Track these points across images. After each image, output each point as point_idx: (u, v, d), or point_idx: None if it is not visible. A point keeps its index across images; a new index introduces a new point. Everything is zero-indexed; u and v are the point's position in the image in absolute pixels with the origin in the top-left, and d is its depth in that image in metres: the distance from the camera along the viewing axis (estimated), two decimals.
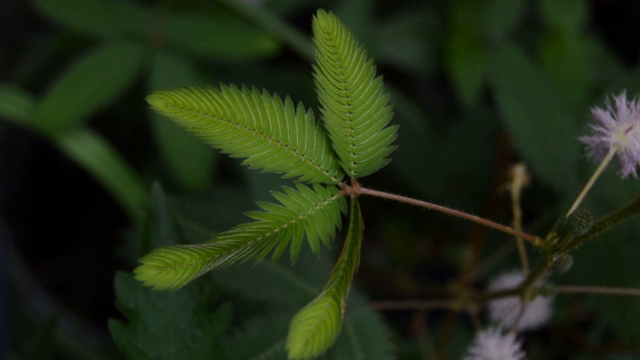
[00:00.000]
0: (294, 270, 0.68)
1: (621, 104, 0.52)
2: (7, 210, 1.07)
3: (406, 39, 1.02)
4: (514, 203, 0.64)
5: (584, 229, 0.49)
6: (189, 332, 0.57)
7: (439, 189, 0.96)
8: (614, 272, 0.69)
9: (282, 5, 1.00)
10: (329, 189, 0.48)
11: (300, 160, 0.48)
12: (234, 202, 0.93)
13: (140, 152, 1.04)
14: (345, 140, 0.48)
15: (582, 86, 0.92)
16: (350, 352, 0.64)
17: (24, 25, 1.10)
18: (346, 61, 0.49)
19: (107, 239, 0.98)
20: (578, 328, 0.84)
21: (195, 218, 0.66)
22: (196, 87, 0.47)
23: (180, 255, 0.44)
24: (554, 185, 0.73)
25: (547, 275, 0.57)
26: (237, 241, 0.45)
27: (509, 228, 0.53)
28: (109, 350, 0.95)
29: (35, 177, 1.15)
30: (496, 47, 0.96)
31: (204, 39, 0.93)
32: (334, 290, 0.44)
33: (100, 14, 0.93)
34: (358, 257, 0.46)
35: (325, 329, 0.43)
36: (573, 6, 0.96)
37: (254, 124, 0.47)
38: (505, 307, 0.69)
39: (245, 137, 0.47)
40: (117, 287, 0.56)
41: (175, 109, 0.46)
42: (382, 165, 0.49)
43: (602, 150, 0.52)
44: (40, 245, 1.14)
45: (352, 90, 0.49)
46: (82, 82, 0.90)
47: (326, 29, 0.49)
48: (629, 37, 1.06)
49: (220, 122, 0.47)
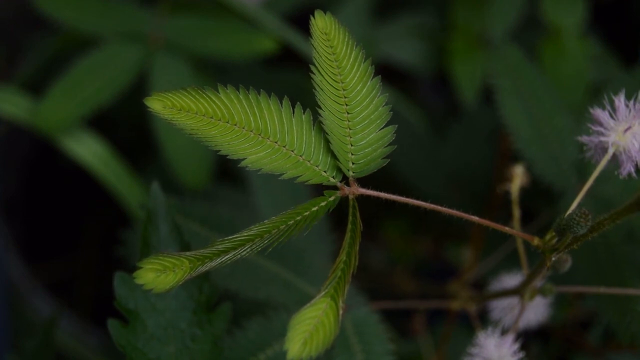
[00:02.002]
0: (293, 270, 0.68)
1: (620, 103, 0.52)
2: (7, 210, 1.07)
3: (406, 39, 1.02)
4: (514, 203, 0.64)
5: (583, 228, 0.49)
6: (188, 332, 0.57)
7: (438, 188, 0.96)
8: (614, 271, 0.69)
9: (282, 5, 1.00)
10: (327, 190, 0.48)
11: (299, 161, 0.48)
12: (233, 202, 0.93)
13: (140, 152, 1.04)
14: (343, 141, 0.48)
15: (582, 86, 0.92)
16: (350, 352, 0.64)
17: (24, 25, 1.10)
18: (344, 62, 0.49)
19: (107, 239, 0.98)
20: (578, 328, 0.84)
21: (195, 218, 0.66)
22: (194, 89, 0.47)
23: (179, 258, 0.45)
24: (554, 185, 0.73)
25: (546, 275, 0.57)
26: (235, 244, 0.45)
27: (508, 228, 0.53)
28: (109, 350, 0.95)
29: (35, 177, 1.15)
30: (496, 47, 0.96)
31: (204, 39, 0.93)
32: (332, 291, 0.44)
33: (100, 14, 0.93)
34: (356, 258, 0.46)
35: (323, 329, 0.43)
36: (573, 6, 0.96)
37: (252, 125, 0.47)
38: (504, 307, 0.69)
39: (244, 138, 0.47)
40: (116, 287, 0.56)
41: (173, 111, 0.46)
42: (381, 166, 0.49)
43: (601, 150, 0.52)
44: (40, 245, 1.14)
45: (350, 90, 0.49)
46: (82, 82, 0.90)
47: (324, 30, 0.49)
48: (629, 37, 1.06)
49: (218, 123, 0.47)
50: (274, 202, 0.79)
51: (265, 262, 0.67)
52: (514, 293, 0.61)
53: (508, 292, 0.63)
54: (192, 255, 0.45)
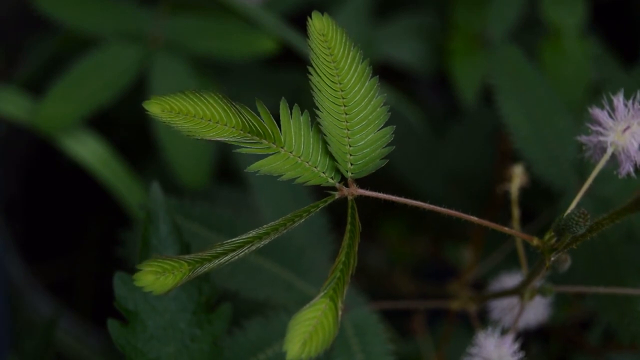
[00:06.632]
0: (293, 270, 0.68)
1: (619, 103, 0.52)
2: (7, 210, 1.07)
3: (406, 39, 1.02)
4: (513, 203, 0.64)
5: (582, 228, 0.49)
6: (188, 332, 0.57)
7: (438, 188, 0.96)
8: (613, 271, 0.69)
9: (282, 5, 1.00)
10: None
11: (297, 162, 0.48)
12: (233, 202, 0.93)
13: (140, 152, 1.04)
14: (341, 142, 0.48)
15: (581, 86, 0.92)
16: (350, 352, 0.64)
17: (24, 25, 1.10)
18: (342, 62, 0.49)
19: (107, 239, 0.98)
20: (578, 328, 0.84)
21: (195, 218, 0.66)
22: (192, 92, 0.47)
23: (178, 260, 0.45)
24: (553, 185, 0.73)
25: (545, 275, 0.57)
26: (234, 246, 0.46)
27: (507, 228, 0.53)
28: (109, 350, 0.95)
29: (35, 177, 1.15)
30: (496, 47, 0.96)
31: (204, 39, 0.93)
32: (331, 292, 0.44)
33: (100, 14, 0.93)
34: (355, 258, 0.46)
35: (322, 330, 0.43)
36: (573, 6, 0.96)
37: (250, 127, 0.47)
38: (504, 307, 0.69)
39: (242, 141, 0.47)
40: (116, 288, 0.56)
41: (172, 114, 0.46)
42: (379, 166, 0.49)
43: (600, 150, 0.52)
44: (40, 245, 1.14)
45: (348, 91, 0.49)
46: (82, 82, 0.90)
47: (321, 31, 0.49)
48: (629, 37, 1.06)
49: (216, 125, 0.47)
50: (274, 202, 0.79)
51: (265, 263, 0.67)
52: (513, 293, 0.61)
53: (508, 292, 0.63)
54: (191, 258, 0.45)
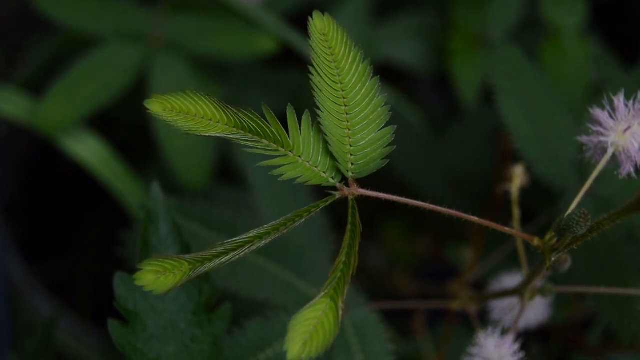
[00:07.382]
0: (293, 270, 0.68)
1: (619, 103, 0.52)
2: (7, 210, 1.07)
3: (406, 39, 1.02)
4: (513, 203, 0.64)
5: (582, 229, 0.49)
6: (188, 332, 0.57)
7: (438, 188, 0.96)
8: (613, 271, 0.69)
9: (282, 5, 1.00)
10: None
11: (297, 162, 0.48)
12: (233, 202, 0.93)
13: (140, 152, 1.04)
14: (342, 142, 0.48)
15: (582, 86, 0.92)
16: (350, 352, 0.64)
17: (24, 25, 1.10)
18: (342, 62, 0.49)
19: (107, 239, 0.98)
20: (578, 328, 0.84)
21: (195, 218, 0.66)
22: (193, 92, 0.47)
23: (178, 260, 0.45)
24: (554, 185, 0.73)
25: (546, 275, 0.57)
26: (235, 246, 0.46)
27: (507, 228, 0.53)
28: (109, 350, 0.95)
29: (35, 177, 1.15)
30: (496, 47, 0.96)
31: (204, 39, 0.93)
32: (331, 292, 0.44)
33: (100, 13, 0.93)
34: (356, 258, 0.46)
35: (323, 330, 0.43)
36: (573, 6, 0.96)
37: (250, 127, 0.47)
38: (504, 307, 0.69)
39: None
40: (115, 288, 0.56)
41: (173, 114, 0.46)
42: (380, 166, 0.49)
43: (601, 150, 0.52)
44: (40, 245, 1.14)
45: (349, 91, 0.49)
46: (82, 82, 0.90)
47: (322, 30, 0.49)
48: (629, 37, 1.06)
49: (217, 125, 0.47)
50: (274, 202, 0.79)
51: (265, 263, 0.67)
52: (513, 293, 0.61)
53: (508, 292, 0.63)
54: (191, 257, 0.45)
